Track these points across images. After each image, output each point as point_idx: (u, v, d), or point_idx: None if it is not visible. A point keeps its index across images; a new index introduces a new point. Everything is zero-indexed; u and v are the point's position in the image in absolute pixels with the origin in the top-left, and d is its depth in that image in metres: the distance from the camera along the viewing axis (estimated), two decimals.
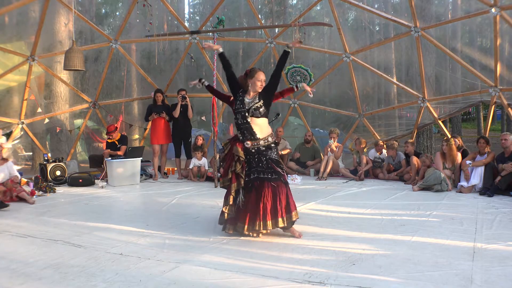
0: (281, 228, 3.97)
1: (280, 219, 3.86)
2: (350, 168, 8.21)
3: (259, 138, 3.99)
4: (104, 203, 5.85)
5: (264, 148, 4.01)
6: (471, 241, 3.76)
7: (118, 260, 3.35)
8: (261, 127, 4.02)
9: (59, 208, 5.55)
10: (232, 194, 3.94)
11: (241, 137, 4.04)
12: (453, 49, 8.27)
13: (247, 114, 3.97)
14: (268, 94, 4.07)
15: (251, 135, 3.98)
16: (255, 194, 3.90)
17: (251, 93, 4.06)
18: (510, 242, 3.71)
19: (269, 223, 3.85)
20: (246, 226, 3.88)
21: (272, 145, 4.07)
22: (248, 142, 3.97)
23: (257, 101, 4.01)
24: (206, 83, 5.23)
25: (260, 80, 4.04)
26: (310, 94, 4.51)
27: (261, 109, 3.99)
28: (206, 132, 10.60)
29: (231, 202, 3.94)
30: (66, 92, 9.16)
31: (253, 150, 4.00)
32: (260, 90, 4.04)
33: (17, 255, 3.53)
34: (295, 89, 4.67)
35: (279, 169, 3.96)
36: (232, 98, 3.07)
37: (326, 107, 9.53)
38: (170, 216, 4.96)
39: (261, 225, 3.84)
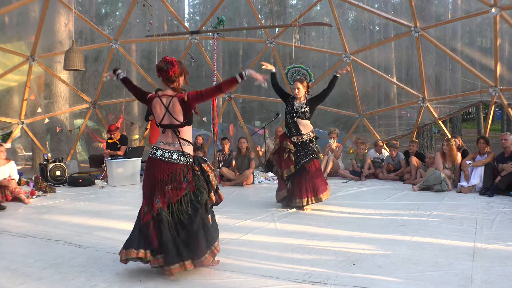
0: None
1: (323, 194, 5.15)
2: (350, 168, 8.19)
3: (303, 134, 5.15)
4: (104, 203, 5.85)
5: (307, 141, 5.16)
6: (471, 241, 3.76)
7: (118, 260, 3.34)
8: (305, 126, 5.15)
9: (59, 208, 5.54)
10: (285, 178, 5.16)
11: (288, 134, 5.19)
12: (453, 49, 8.27)
13: (295, 115, 5.09)
14: (314, 104, 5.19)
15: (297, 131, 5.12)
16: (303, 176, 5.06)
17: (299, 99, 5.15)
18: (510, 242, 3.71)
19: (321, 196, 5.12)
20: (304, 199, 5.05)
21: (313, 139, 5.21)
22: (294, 138, 5.13)
23: (305, 107, 5.10)
24: (122, 76, 3.53)
25: (295, 88, 5.17)
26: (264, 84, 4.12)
27: (306, 114, 5.10)
28: (206, 132, 10.60)
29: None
30: (66, 92, 9.17)
31: (298, 143, 5.13)
32: (298, 96, 5.13)
33: (17, 255, 3.53)
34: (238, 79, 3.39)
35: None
36: (148, 95, 3.25)
37: (326, 107, 9.52)
38: None
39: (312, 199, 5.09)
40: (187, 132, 3.20)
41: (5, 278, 2.99)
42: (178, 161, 3.10)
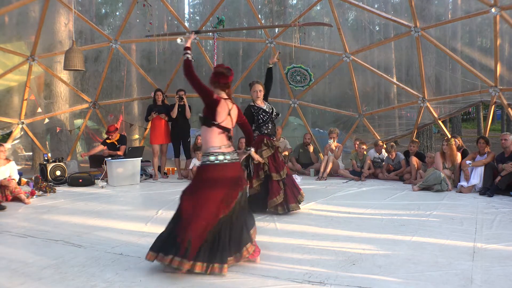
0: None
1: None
2: (350, 168, 8.19)
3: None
4: (104, 203, 5.85)
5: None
6: (471, 241, 3.76)
7: (118, 260, 3.35)
8: None
9: (59, 208, 5.54)
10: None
11: (274, 138, 5.03)
12: (453, 49, 8.26)
13: (274, 117, 5.01)
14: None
15: (274, 134, 5.07)
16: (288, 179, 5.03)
17: (259, 102, 4.96)
18: (510, 242, 3.72)
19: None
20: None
21: None
22: (275, 139, 5.06)
23: (271, 107, 5.02)
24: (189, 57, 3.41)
25: (256, 91, 4.95)
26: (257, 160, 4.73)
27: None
28: None
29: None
30: (66, 92, 9.16)
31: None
32: (260, 97, 4.94)
33: (17, 255, 3.53)
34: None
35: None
36: (215, 95, 3.25)
37: (326, 107, 9.52)
38: (170, 216, 4.94)
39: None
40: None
41: (5, 278, 2.99)
42: (238, 160, 3.38)
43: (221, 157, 3.20)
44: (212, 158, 3.19)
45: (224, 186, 3.17)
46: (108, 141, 8.06)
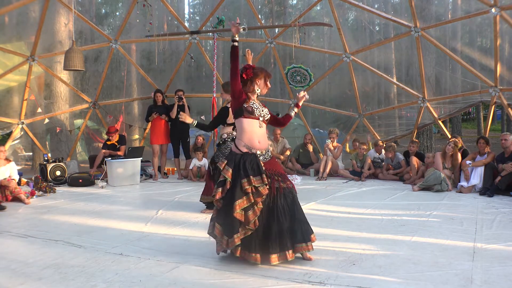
0: None
1: None
2: (350, 168, 8.19)
3: None
4: (104, 203, 5.85)
5: None
6: (471, 241, 3.76)
7: (118, 260, 3.35)
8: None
9: (59, 208, 5.54)
10: None
11: None
12: (453, 49, 8.27)
13: None
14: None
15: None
16: None
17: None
18: (510, 242, 3.71)
19: None
20: None
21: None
22: None
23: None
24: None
25: None
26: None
27: None
28: (206, 132, 10.59)
29: None
30: (66, 92, 9.17)
31: None
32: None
33: (17, 255, 3.53)
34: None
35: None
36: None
37: (326, 107, 9.52)
38: (170, 216, 4.96)
39: None
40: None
41: (5, 278, 2.99)
42: None
43: None
44: None
45: None
46: (108, 142, 8.07)
